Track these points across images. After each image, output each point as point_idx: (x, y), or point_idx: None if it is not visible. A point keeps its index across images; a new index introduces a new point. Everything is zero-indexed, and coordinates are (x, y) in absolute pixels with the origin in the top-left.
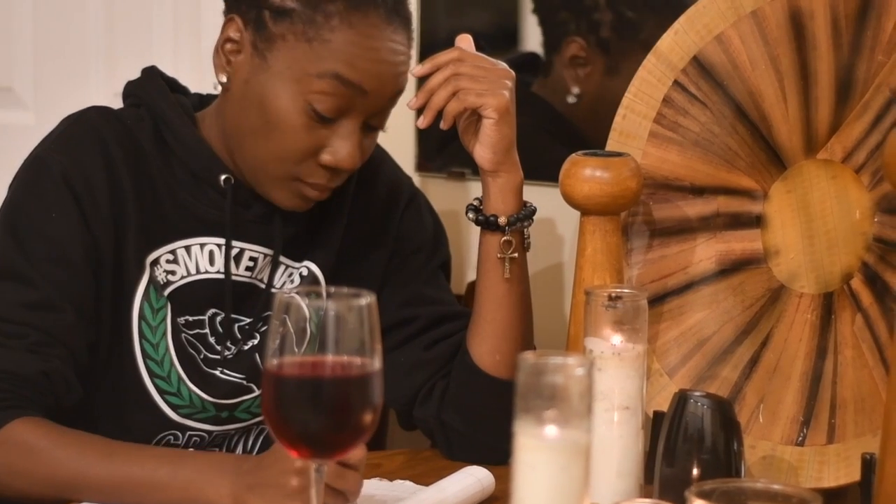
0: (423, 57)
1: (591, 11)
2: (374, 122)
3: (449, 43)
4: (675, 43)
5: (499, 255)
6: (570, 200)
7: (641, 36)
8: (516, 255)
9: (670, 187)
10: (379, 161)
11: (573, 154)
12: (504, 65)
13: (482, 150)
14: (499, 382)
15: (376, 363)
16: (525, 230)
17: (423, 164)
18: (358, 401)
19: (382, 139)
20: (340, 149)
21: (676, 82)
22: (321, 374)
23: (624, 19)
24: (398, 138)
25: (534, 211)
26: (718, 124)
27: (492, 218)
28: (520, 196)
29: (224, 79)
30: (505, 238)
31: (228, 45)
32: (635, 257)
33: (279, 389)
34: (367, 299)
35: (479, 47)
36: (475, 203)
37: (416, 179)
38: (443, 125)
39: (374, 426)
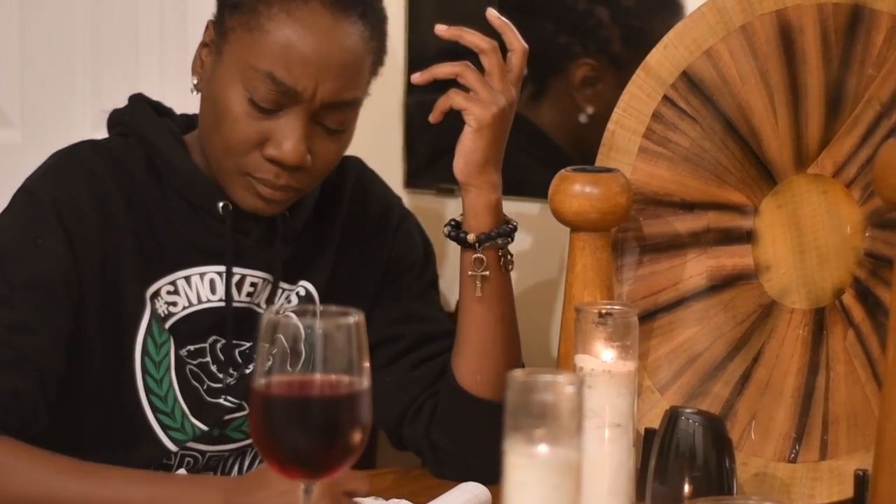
0: (411, 71)
1: (597, 30)
2: (328, 123)
3: (437, 59)
4: (665, 58)
5: (469, 273)
6: (560, 216)
7: (649, 45)
8: (487, 273)
9: (660, 203)
10: (369, 182)
11: (562, 170)
12: (513, 89)
13: (456, 158)
14: (482, 402)
15: (364, 382)
16: (502, 249)
17: (412, 180)
18: (346, 420)
19: (372, 154)
20: (282, 141)
21: (666, 97)
22: (309, 393)
23: (632, 30)
24: (387, 154)
25: (512, 230)
26: (708, 139)
27: (462, 235)
28: (494, 214)
29: (195, 80)
30: (476, 256)
31: (204, 50)
32: (626, 273)
33: (267, 409)
34: (354, 318)
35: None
36: (458, 218)
37: (405, 195)
38: (431, 118)
39: (363, 445)
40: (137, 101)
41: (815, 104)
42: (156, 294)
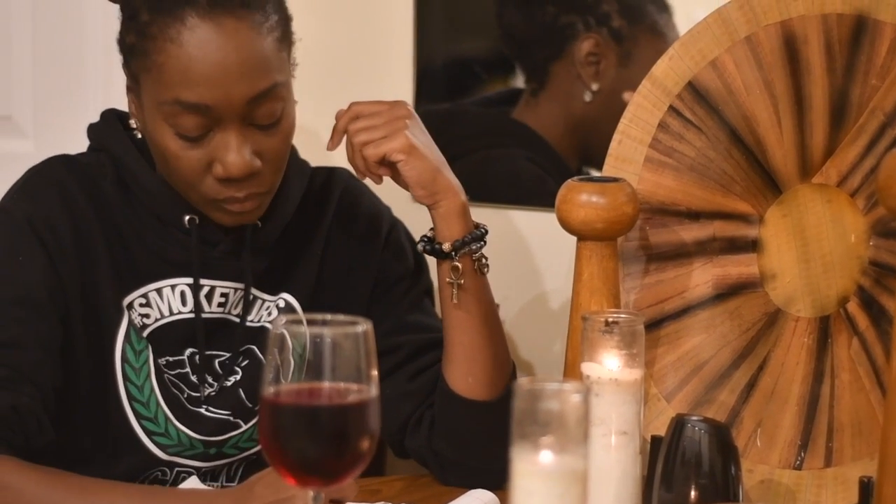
0: (419, 82)
1: (598, 4)
2: (259, 120)
3: (445, 69)
4: (670, 68)
5: (448, 281)
6: (567, 226)
7: (647, 20)
8: (462, 281)
9: (666, 212)
10: (357, 194)
11: (569, 179)
12: (400, 102)
13: (413, 189)
14: (476, 405)
15: (373, 390)
16: (476, 253)
17: None
18: (355, 428)
19: None
20: (224, 158)
21: (672, 108)
22: (318, 401)
23: (628, 4)
24: None
25: (483, 234)
26: (714, 149)
27: (437, 245)
28: (465, 220)
29: (135, 124)
30: (452, 264)
31: (130, 95)
32: (632, 282)
33: (276, 418)
34: (363, 326)
35: (474, 73)
36: (429, 234)
37: (410, 202)
38: (376, 183)
39: (372, 453)
40: (108, 116)
41: (820, 114)
42: (130, 305)
